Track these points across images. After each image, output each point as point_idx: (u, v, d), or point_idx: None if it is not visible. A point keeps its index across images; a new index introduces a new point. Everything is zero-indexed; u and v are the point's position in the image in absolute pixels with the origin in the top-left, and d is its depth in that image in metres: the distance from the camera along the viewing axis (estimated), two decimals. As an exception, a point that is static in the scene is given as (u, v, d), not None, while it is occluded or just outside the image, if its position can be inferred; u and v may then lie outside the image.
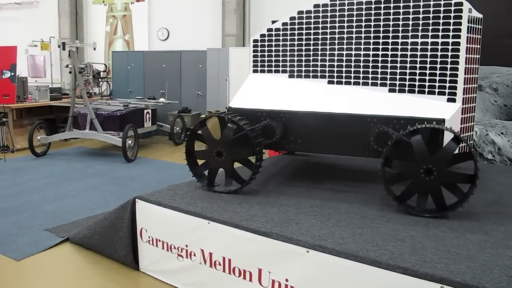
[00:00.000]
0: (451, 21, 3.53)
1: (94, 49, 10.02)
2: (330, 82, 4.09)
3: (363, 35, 3.88)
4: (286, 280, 2.92)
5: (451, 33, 3.54)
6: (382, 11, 3.79)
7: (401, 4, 3.70)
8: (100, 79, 12.42)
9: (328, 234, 2.97)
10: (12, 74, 8.77)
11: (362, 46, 3.90)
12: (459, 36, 3.52)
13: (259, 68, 4.47)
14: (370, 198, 3.86)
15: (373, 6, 3.82)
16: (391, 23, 3.76)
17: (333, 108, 3.85)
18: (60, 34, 13.25)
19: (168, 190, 4.01)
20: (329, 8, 4.03)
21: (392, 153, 3.41)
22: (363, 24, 3.88)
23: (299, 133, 3.98)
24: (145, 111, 9.73)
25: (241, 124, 3.78)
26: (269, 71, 4.41)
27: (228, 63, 9.89)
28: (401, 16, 3.71)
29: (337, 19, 4.00)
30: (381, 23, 3.80)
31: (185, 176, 4.42)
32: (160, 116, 10.59)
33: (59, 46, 9.31)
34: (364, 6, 3.86)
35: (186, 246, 3.47)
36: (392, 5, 3.74)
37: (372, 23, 3.84)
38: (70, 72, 9.18)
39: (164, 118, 10.71)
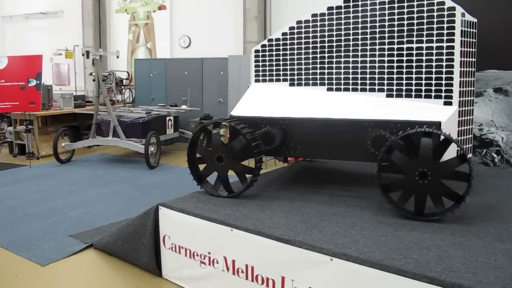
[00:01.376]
0: (445, 25, 3.60)
1: (117, 57, 10.14)
2: (329, 89, 4.17)
3: (360, 42, 3.98)
4: (310, 289, 2.89)
5: (445, 37, 3.61)
6: (377, 18, 3.88)
7: (396, 11, 3.78)
8: (122, 87, 12.57)
9: (352, 242, 2.94)
10: (38, 82, 8.91)
11: (359, 53, 3.98)
12: (453, 40, 3.58)
13: (260, 78, 4.59)
14: (394, 205, 3.80)
15: (368, 14, 3.91)
16: (386, 29, 3.85)
17: (331, 114, 3.92)
18: (84, 43, 13.46)
19: (190, 197, 4.03)
20: (326, 17, 4.13)
21: (387, 159, 3.45)
22: (360, 31, 3.98)
23: (299, 139, 4.06)
24: (167, 118, 9.80)
25: (239, 128, 3.86)
26: (270, 80, 4.52)
27: (250, 70, 9.89)
28: (396, 23, 3.79)
29: (334, 28, 4.11)
30: (377, 29, 3.89)
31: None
32: (182, 123, 10.66)
33: (83, 55, 9.46)
34: (360, 14, 3.96)
35: (209, 253, 3.47)
36: (387, 12, 3.83)
37: (369, 30, 3.93)
38: (93, 80, 9.32)
39: (186, 125, 10.77)
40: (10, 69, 8.95)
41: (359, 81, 4.00)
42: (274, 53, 4.47)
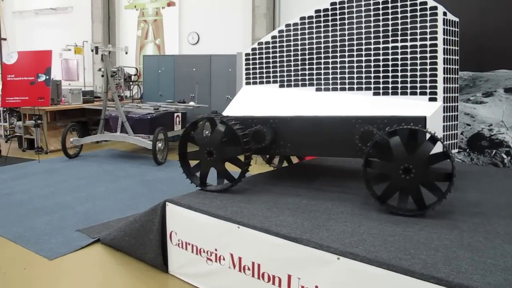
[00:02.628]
0: (428, 24, 3.70)
1: (126, 53, 10.19)
2: (318, 90, 4.28)
3: (346, 43, 4.08)
4: (316, 287, 2.88)
5: (428, 36, 3.71)
6: (363, 19, 3.98)
7: (381, 12, 3.89)
8: (131, 83, 12.61)
9: (359, 241, 2.93)
10: (47, 77, 8.97)
11: (347, 54, 4.09)
12: (436, 38, 3.69)
13: (251, 80, 4.72)
14: (402, 205, 3.79)
15: (355, 15, 4.02)
16: (372, 30, 3.95)
17: (319, 112, 4.02)
18: (93, 39, 13.51)
19: (198, 193, 4.03)
20: (314, 20, 4.25)
21: (373, 154, 3.54)
22: (347, 33, 4.08)
23: (289, 137, 4.14)
24: (175, 114, 9.82)
25: (230, 124, 3.95)
26: (261, 83, 4.65)
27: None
28: (381, 23, 3.90)
29: (322, 30, 4.21)
30: (363, 30, 3.99)
31: (214, 180, 4.43)
32: (190, 119, 10.67)
33: (92, 50, 9.51)
34: (346, 16, 4.07)
35: (216, 250, 3.48)
36: (372, 13, 3.94)
37: (355, 31, 4.04)
38: (102, 76, 9.35)
39: (193, 122, 10.76)
40: (20, 64, 9.01)
41: (346, 81, 4.10)
42: (264, 56, 4.60)
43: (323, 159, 5.71)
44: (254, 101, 4.54)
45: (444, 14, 3.72)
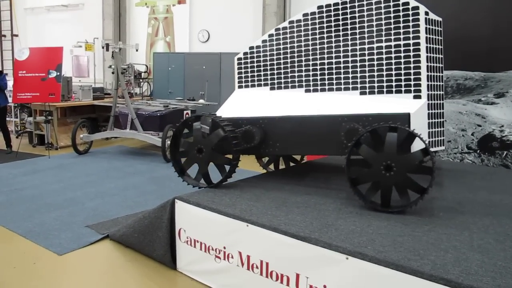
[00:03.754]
0: (410, 23, 3.77)
1: (137, 50, 10.20)
2: (307, 91, 4.37)
3: (333, 45, 4.17)
4: (324, 287, 2.88)
5: (411, 35, 3.78)
6: (348, 21, 4.07)
7: (365, 13, 3.97)
8: (141, 80, 12.65)
9: (368, 241, 2.92)
10: (58, 74, 9.02)
11: (333, 55, 4.18)
12: (418, 37, 3.75)
13: (243, 84, 4.85)
14: (411, 205, 3.77)
15: (340, 17, 4.11)
16: (357, 31, 4.03)
17: (307, 112, 4.11)
18: (104, 35, 13.56)
19: (207, 191, 4.04)
20: (302, 23, 4.34)
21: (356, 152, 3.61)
22: (333, 34, 4.17)
23: (277, 137, 4.24)
24: (185, 112, 9.84)
25: (219, 123, 4.05)
26: (252, 86, 4.76)
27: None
28: (365, 24, 3.98)
29: (309, 32, 4.31)
30: (349, 32, 4.08)
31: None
32: (199, 117, 10.67)
33: (103, 47, 9.56)
34: (333, 19, 4.15)
35: (224, 248, 3.49)
36: (357, 15, 4.02)
37: (341, 33, 4.12)
38: (113, 73, 9.39)
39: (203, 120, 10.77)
40: (31, 61, 9.08)
41: (334, 81, 4.19)
42: (255, 59, 4.71)
43: (332, 159, 5.70)
44: (245, 103, 4.64)
45: (426, 13, 3.79)
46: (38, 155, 9.06)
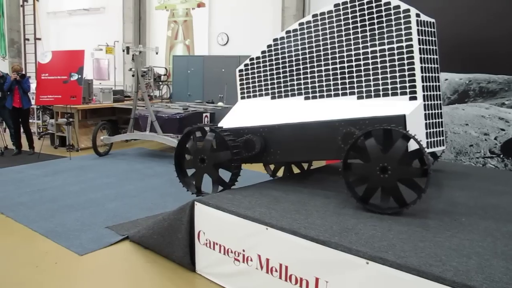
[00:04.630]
0: (402, 26, 3.83)
1: (157, 53, 10.27)
2: (306, 98, 4.45)
3: (329, 51, 4.24)
4: (344, 291, 2.86)
5: (404, 38, 3.82)
6: (343, 28, 4.14)
7: (358, 19, 4.04)
8: (160, 83, 12.75)
9: (388, 246, 2.89)
10: (80, 76, 9.14)
11: (330, 61, 4.25)
12: (411, 39, 3.79)
13: (245, 95, 4.96)
14: (432, 209, 3.73)
15: (335, 24, 4.19)
16: (352, 37, 4.09)
17: (306, 118, 4.18)
18: (124, 39, 13.72)
19: (226, 194, 4.05)
20: (298, 33, 4.45)
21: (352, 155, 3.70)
22: (329, 41, 4.24)
23: (278, 145, 4.34)
24: (204, 114, 9.87)
25: (219, 132, 4.24)
26: (254, 96, 4.87)
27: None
28: (359, 29, 4.05)
29: (306, 41, 4.40)
30: (343, 38, 4.14)
31: (242, 181, 4.46)
32: (218, 120, 10.67)
33: (123, 50, 9.67)
34: (327, 26, 4.25)
35: (243, 250, 3.49)
36: (350, 21, 4.09)
37: (336, 40, 4.20)
38: (133, 75, 9.49)
39: (222, 122, 10.81)
40: (53, 64, 9.22)
41: (332, 87, 4.25)
42: (256, 70, 4.82)
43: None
44: (247, 113, 4.75)
45: (417, 15, 3.82)
46: (59, 156, 9.19)
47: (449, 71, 6.15)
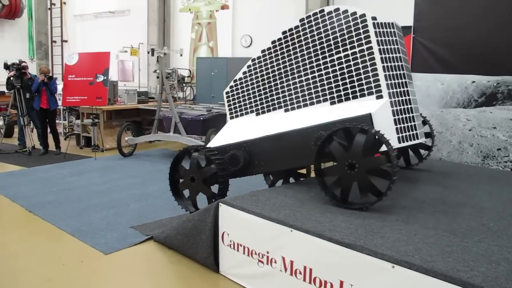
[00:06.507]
0: (361, 31, 4.03)
1: (181, 55, 10.35)
2: (286, 110, 4.67)
3: (301, 64, 4.48)
4: (369, 295, 2.84)
5: (363, 41, 4.02)
6: (309, 40, 4.38)
7: (322, 30, 4.28)
8: (184, 84, 12.85)
9: (415, 250, 2.86)
10: (105, 78, 9.28)
11: (303, 73, 4.48)
12: (370, 42, 3.99)
13: (234, 115, 5.20)
14: (459, 214, 3.67)
15: (302, 38, 4.44)
16: (318, 47, 4.32)
17: (283, 129, 4.40)
18: (149, 41, 13.86)
19: (250, 195, 4.06)
20: (272, 50, 4.73)
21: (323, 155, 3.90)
22: (299, 54, 4.49)
23: (261, 156, 4.58)
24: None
25: (205, 152, 4.65)
26: (241, 115, 5.11)
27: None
28: (324, 39, 4.27)
29: (279, 58, 4.66)
30: (311, 49, 4.38)
31: (253, 186, 4.49)
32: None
33: (148, 52, 9.76)
34: (296, 41, 4.50)
35: (267, 252, 3.49)
36: (315, 33, 4.33)
37: (305, 52, 4.43)
38: (157, 77, 9.58)
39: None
40: (80, 65, 9.38)
41: (307, 97, 4.46)
42: (240, 91, 5.08)
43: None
44: (234, 131, 4.99)
45: (374, 18, 4.01)
46: (85, 156, 9.34)
47: (477, 73, 6.06)
